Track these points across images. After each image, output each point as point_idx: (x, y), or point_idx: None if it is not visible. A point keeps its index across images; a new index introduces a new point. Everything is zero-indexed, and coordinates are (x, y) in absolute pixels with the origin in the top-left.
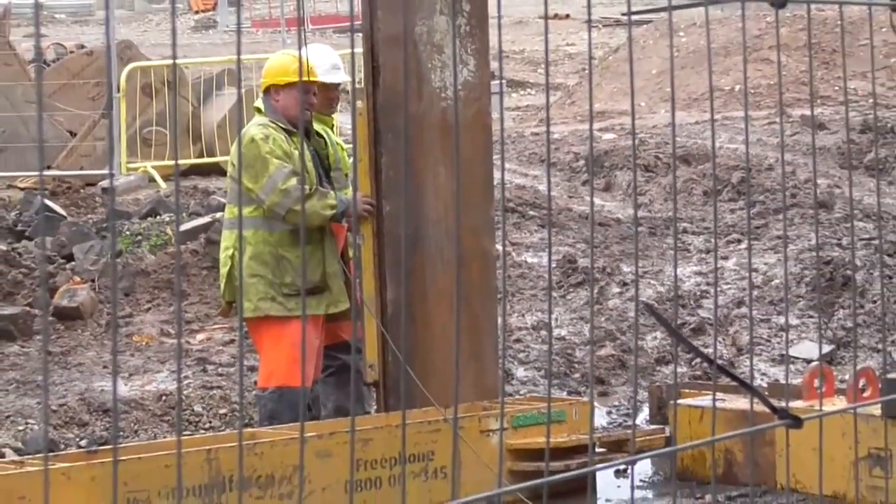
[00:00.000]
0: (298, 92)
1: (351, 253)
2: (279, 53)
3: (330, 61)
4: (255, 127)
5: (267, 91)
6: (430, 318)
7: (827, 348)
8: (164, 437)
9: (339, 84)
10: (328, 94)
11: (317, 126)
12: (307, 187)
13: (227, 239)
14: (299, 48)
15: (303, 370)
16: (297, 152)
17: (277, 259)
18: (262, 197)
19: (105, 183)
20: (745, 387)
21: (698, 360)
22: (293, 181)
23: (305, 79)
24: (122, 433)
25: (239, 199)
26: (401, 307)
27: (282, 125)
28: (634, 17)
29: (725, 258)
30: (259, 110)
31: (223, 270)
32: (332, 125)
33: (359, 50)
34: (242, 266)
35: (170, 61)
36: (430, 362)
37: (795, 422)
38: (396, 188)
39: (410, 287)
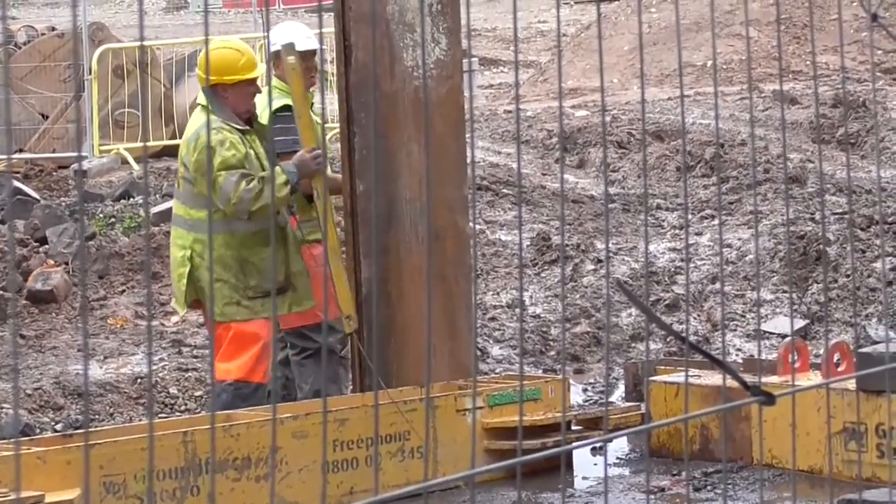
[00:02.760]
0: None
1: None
2: (218, 45)
3: (303, 33)
4: (208, 132)
5: (213, 87)
6: (405, 295)
7: (801, 323)
8: (140, 420)
9: (314, 52)
10: (305, 64)
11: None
12: (254, 183)
13: (183, 238)
14: (266, 29)
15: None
16: (252, 151)
17: (241, 262)
18: (220, 206)
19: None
20: (717, 363)
21: (671, 336)
22: (242, 186)
23: (249, 76)
24: (97, 416)
25: (209, 203)
26: (374, 286)
27: (236, 126)
28: None
29: (699, 234)
30: (205, 108)
31: (182, 271)
32: (311, 103)
33: (330, 29)
34: (213, 266)
35: (141, 42)
36: (406, 340)
37: (768, 398)
38: (370, 167)
39: (385, 265)
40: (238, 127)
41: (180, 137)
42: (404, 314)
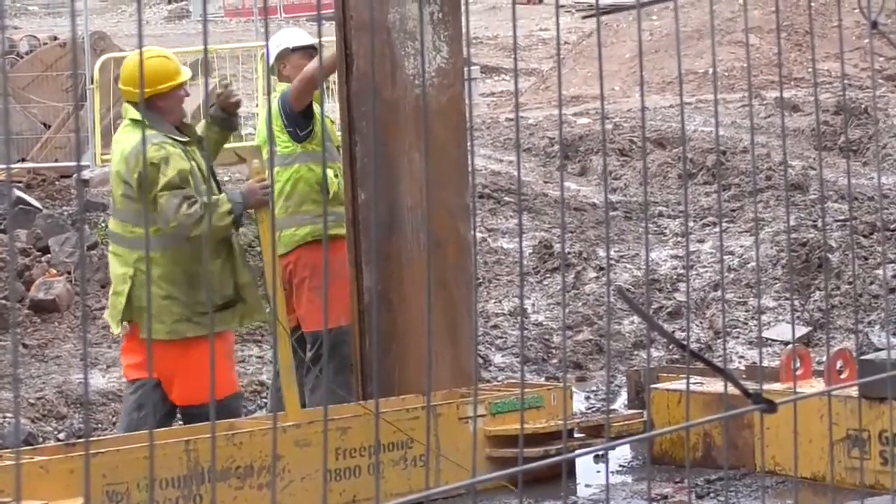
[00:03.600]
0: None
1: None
2: (134, 60)
3: (302, 34)
4: (151, 148)
5: (147, 100)
6: (406, 303)
7: (803, 330)
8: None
9: (314, 48)
10: (305, 62)
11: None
12: (196, 208)
13: (124, 256)
14: (266, 38)
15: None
16: (194, 163)
17: (190, 277)
18: (160, 226)
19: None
20: (719, 371)
21: (673, 344)
22: (184, 209)
23: (181, 79)
24: (99, 425)
25: (145, 220)
26: (375, 294)
27: (178, 139)
28: (606, 2)
29: (701, 241)
30: (137, 122)
31: (121, 289)
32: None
33: (331, 38)
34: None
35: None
36: (408, 348)
37: (769, 406)
38: (371, 175)
39: (387, 272)
40: (180, 139)
41: None
42: (406, 321)
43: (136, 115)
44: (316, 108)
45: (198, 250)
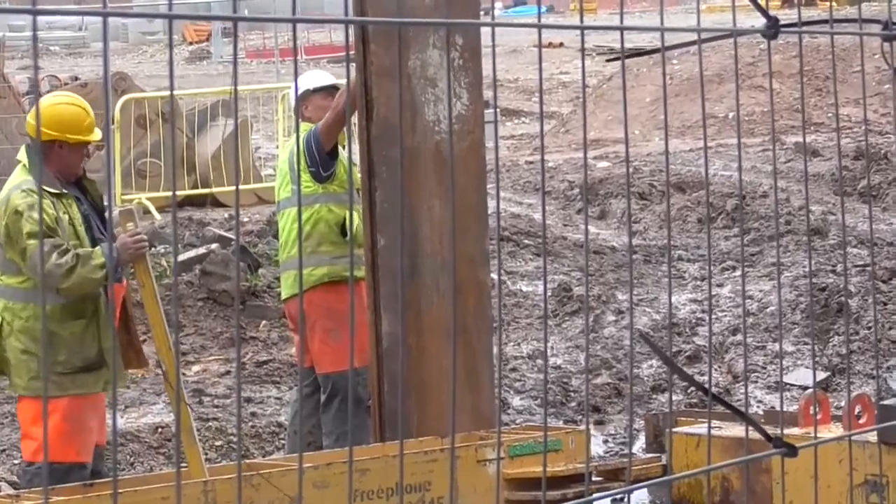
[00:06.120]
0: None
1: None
2: (63, 100)
3: (324, 75)
4: (18, 194)
5: (44, 143)
6: (425, 349)
7: (822, 375)
8: (161, 470)
9: (336, 89)
10: (326, 104)
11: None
12: (67, 258)
13: None
14: (294, 78)
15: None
16: (66, 216)
17: (49, 335)
18: (29, 275)
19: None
20: (739, 415)
21: (694, 387)
22: (53, 259)
23: (92, 137)
24: (118, 465)
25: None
26: (397, 340)
27: (52, 189)
28: (627, 46)
29: (721, 285)
30: (25, 167)
31: None
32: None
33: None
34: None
35: (164, 93)
36: (426, 393)
37: (790, 450)
38: (391, 221)
39: (406, 319)
40: (52, 190)
41: (202, 187)
42: (425, 367)
43: (24, 158)
44: (340, 150)
45: (58, 309)
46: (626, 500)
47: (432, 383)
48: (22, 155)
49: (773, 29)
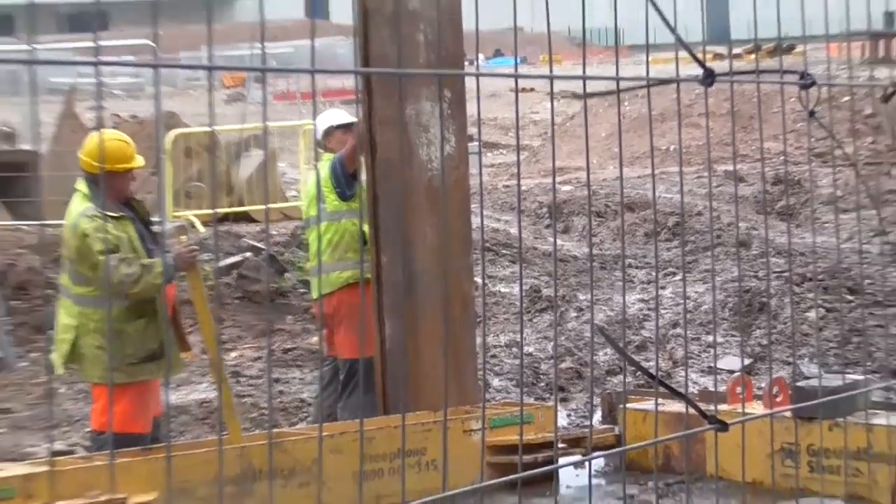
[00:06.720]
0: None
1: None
2: (106, 136)
3: (344, 114)
4: (84, 220)
5: (96, 175)
6: (420, 348)
7: (746, 361)
8: (206, 437)
9: (353, 125)
10: (346, 137)
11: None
12: (134, 269)
13: (69, 308)
14: (313, 117)
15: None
16: (124, 235)
17: (117, 333)
18: (101, 284)
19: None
20: (680, 396)
21: (641, 372)
22: (122, 269)
23: (135, 164)
24: (171, 434)
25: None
26: (397, 341)
27: (110, 213)
28: (588, 90)
29: (664, 288)
30: (85, 195)
31: (65, 337)
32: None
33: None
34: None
35: (207, 128)
36: (422, 383)
37: (722, 426)
38: (392, 242)
39: (404, 324)
40: (111, 215)
41: (238, 206)
42: (420, 361)
43: (83, 188)
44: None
45: (122, 310)
46: (589, 464)
47: (426, 375)
48: (80, 185)
49: (709, 78)
